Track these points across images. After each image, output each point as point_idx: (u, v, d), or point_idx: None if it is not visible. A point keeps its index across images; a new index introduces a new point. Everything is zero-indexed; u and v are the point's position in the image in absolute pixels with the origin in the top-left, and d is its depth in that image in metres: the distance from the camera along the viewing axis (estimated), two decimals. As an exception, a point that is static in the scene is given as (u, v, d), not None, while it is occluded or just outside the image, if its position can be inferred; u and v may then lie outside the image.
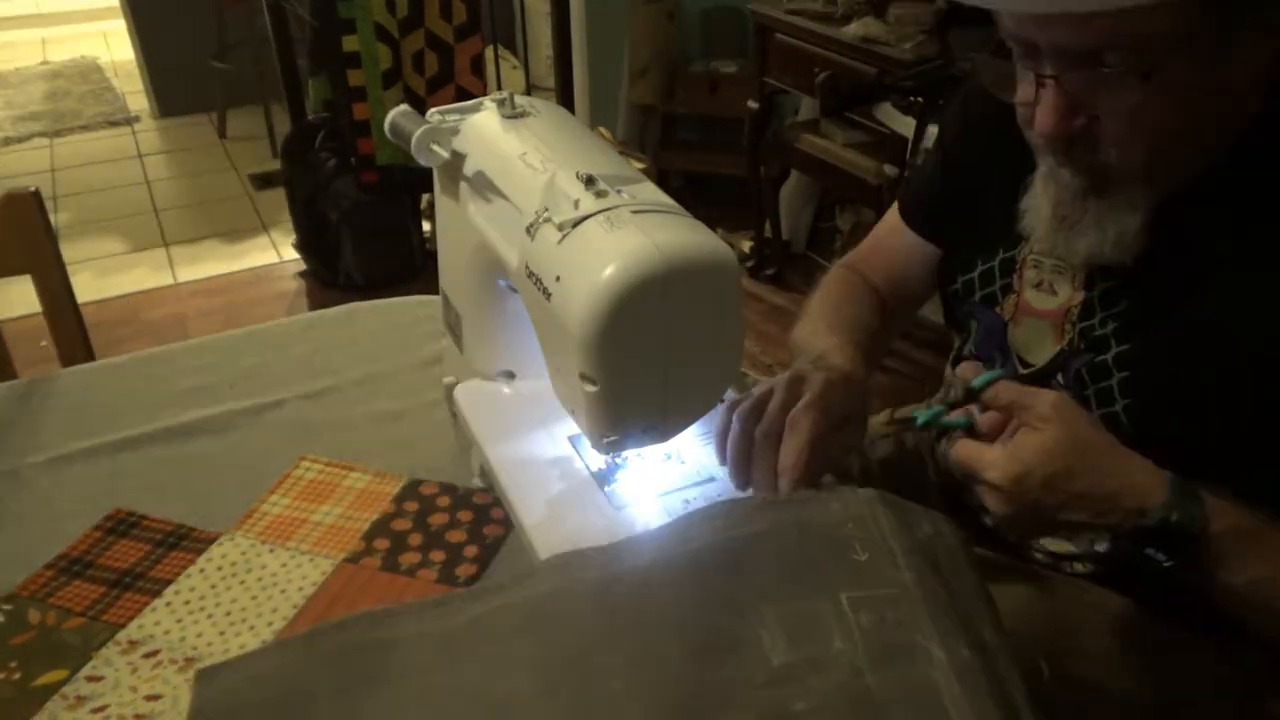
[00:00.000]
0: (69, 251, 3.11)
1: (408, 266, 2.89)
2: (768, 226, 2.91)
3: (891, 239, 1.06)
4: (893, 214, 1.07)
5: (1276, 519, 0.70)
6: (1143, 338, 0.80)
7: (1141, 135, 0.72)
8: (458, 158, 0.85)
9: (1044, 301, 0.88)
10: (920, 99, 2.12)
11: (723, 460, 0.78)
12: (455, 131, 0.85)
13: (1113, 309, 0.82)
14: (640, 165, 2.45)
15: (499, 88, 2.64)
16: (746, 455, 0.76)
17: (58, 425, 1.00)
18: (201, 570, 0.82)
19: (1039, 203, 0.81)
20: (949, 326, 1.02)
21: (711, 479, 0.80)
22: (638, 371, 0.69)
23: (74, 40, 5.33)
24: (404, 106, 0.88)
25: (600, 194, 0.69)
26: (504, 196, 0.79)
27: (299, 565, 0.82)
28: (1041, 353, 0.88)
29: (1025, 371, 0.90)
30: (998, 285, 0.92)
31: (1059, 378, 0.86)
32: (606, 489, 0.79)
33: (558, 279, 0.69)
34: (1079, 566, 0.91)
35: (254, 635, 0.75)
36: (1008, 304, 0.91)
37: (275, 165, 3.20)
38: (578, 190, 0.70)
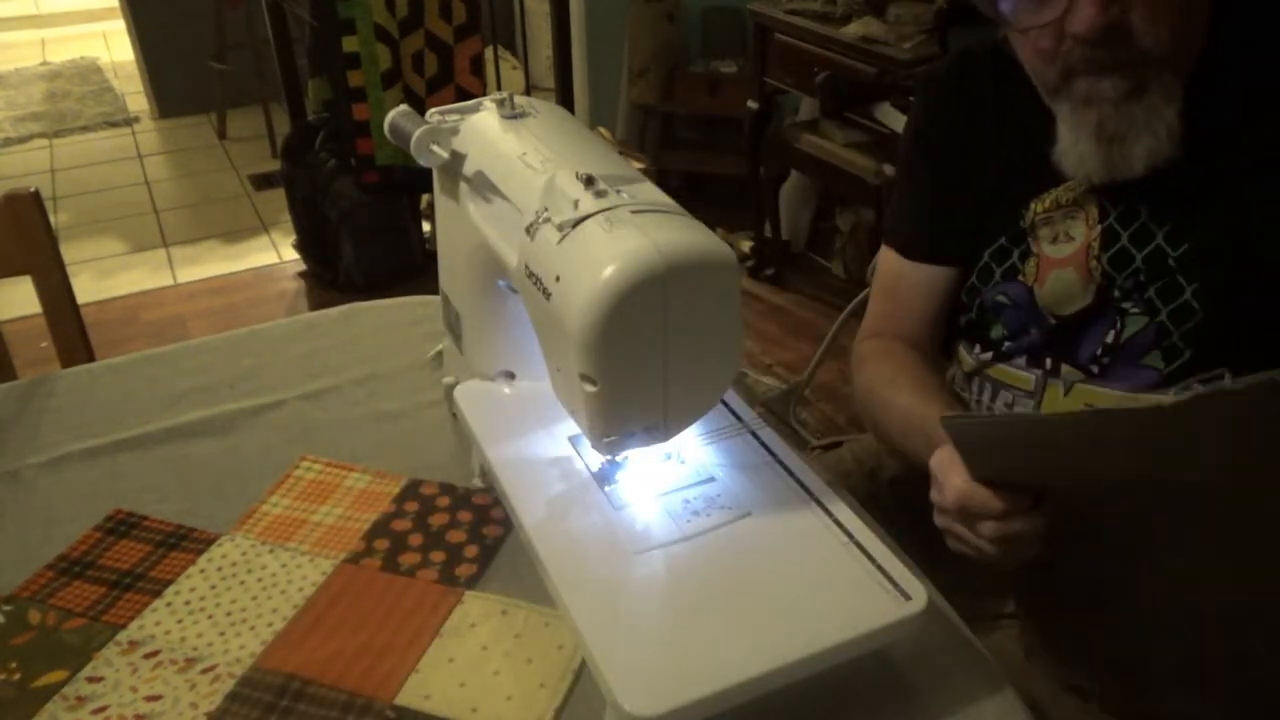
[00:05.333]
0: (69, 252, 3.14)
1: (408, 266, 2.89)
2: (767, 226, 2.91)
3: (903, 288, 1.02)
4: (889, 265, 1.04)
5: None
6: (1199, 226, 0.84)
7: (1166, 10, 0.78)
8: (457, 158, 0.85)
9: (1062, 250, 0.91)
10: (920, 99, 2.12)
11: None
12: (455, 132, 0.85)
13: (1135, 221, 0.87)
14: (640, 165, 2.45)
15: (499, 88, 2.64)
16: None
17: (58, 425, 1.00)
18: (201, 571, 0.82)
19: (1073, 139, 0.85)
20: (967, 338, 1.01)
21: (711, 479, 0.80)
22: (638, 371, 0.69)
23: (74, 40, 5.33)
24: (404, 107, 0.88)
25: (600, 194, 0.69)
26: (504, 197, 0.79)
27: (299, 566, 0.82)
28: (1071, 300, 0.91)
29: (1054, 323, 0.92)
30: (1015, 257, 0.94)
31: (1120, 299, 0.88)
32: (606, 489, 0.79)
33: (558, 279, 0.69)
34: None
35: (254, 635, 0.75)
36: (1029, 269, 0.93)
37: (275, 165, 3.20)
38: (577, 190, 0.70)
